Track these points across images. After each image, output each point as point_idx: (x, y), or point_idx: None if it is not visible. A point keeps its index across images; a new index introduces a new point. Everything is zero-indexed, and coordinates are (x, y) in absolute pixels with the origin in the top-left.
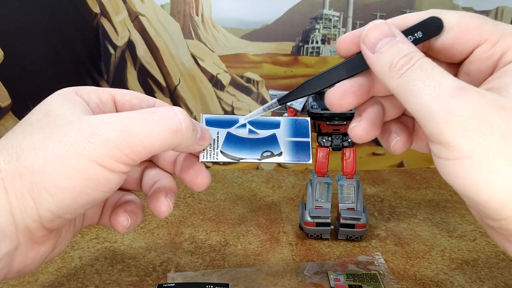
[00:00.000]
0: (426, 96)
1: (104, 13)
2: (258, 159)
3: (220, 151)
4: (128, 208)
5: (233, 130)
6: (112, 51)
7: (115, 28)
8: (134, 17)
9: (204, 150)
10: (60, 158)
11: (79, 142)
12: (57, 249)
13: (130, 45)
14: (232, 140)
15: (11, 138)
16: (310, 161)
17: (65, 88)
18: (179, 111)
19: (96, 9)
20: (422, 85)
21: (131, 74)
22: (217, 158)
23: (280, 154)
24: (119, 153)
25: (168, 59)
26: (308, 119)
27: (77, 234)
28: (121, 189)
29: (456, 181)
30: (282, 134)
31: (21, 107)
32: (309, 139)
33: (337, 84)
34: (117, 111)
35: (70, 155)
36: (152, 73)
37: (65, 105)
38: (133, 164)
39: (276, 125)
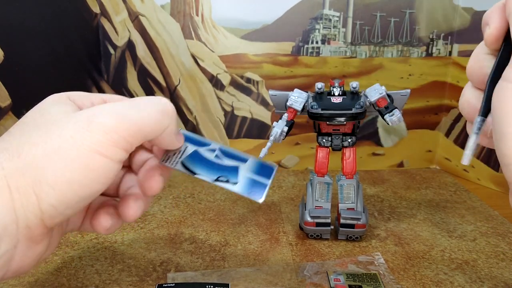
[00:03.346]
0: None
1: (104, 13)
2: (212, 180)
3: (181, 161)
4: (109, 211)
5: (201, 150)
6: (112, 51)
7: (115, 28)
8: (134, 17)
9: (167, 155)
10: (60, 151)
11: (78, 133)
12: (48, 250)
13: (130, 45)
14: (195, 158)
15: (9, 139)
16: (261, 200)
17: (57, 93)
18: (163, 98)
19: (96, 9)
20: None
21: (131, 74)
22: (175, 166)
23: (235, 183)
24: (117, 137)
25: (168, 59)
26: (276, 167)
27: (77, 234)
28: (103, 194)
29: None
30: (245, 169)
31: (21, 107)
32: (268, 183)
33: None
34: None
35: (70, 147)
36: (152, 73)
37: (59, 106)
38: (130, 149)
39: (244, 160)
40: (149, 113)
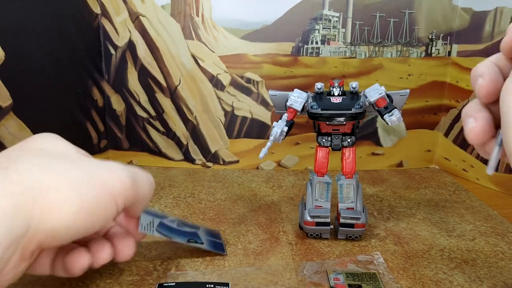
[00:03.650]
0: None
1: (105, 13)
2: (185, 242)
3: (156, 229)
4: (85, 250)
5: (165, 221)
6: (112, 51)
7: (115, 29)
8: (135, 18)
9: (142, 226)
10: (89, 182)
11: (104, 175)
12: (18, 275)
13: (130, 45)
14: (164, 227)
15: (31, 157)
16: (225, 253)
17: (49, 133)
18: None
19: (96, 9)
20: None
21: (132, 74)
22: (153, 233)
23: (202, 243)
24: (126, 193)
25: (168, 59)
26: (219, 232)
27: None
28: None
29: None
30: (202, 233)
31: (22, 107)
32: (222, 241)
33: None
34: None
35: (98, 183)
36: (152, 73)
37: (65, 143)
38: (126, 206)
39: (197, 228)
40: (146, 182)
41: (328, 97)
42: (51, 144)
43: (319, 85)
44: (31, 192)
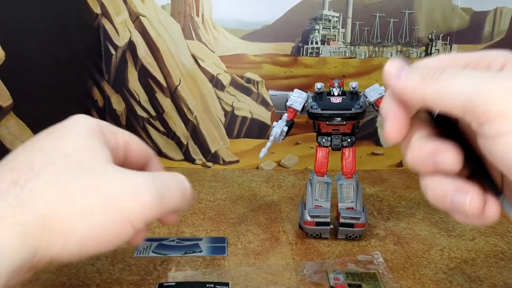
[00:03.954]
0: (471, 81)
1: (105, 13)
2: (181, 254)
3: (152, 251)
4: None
5: (164, 242)
6: (113, 51)
7: (116, 29)
8: (135, 18)
9: (138, 250)
10: (102, 211)
11: (122, 199)
12: None
13: (131, 45)
14: (162, 247)
15: (51, 172)
16: (225, 254)
17: (88, 119)
18: (184, 178)
19: (97, 9)
20: (463, 75)
21: (132, 75)
22: (148, 255)
23: (201, 251)
24: (149, 215)
25: (168, 59)
26: (226, 237)
27: None
28: None
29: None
30: (204, 242)
31: (22, 107)
32: (225, 245)
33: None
34: (124, 158)
35: (113, 209)
36: (152, 73)
37: (93, 145)
38: (148, 224)
39: (199, 239)
40: (176, 195)
41: (328, 97)
42: (82, 144)
43: (319, 85)
44: (41, 219)
